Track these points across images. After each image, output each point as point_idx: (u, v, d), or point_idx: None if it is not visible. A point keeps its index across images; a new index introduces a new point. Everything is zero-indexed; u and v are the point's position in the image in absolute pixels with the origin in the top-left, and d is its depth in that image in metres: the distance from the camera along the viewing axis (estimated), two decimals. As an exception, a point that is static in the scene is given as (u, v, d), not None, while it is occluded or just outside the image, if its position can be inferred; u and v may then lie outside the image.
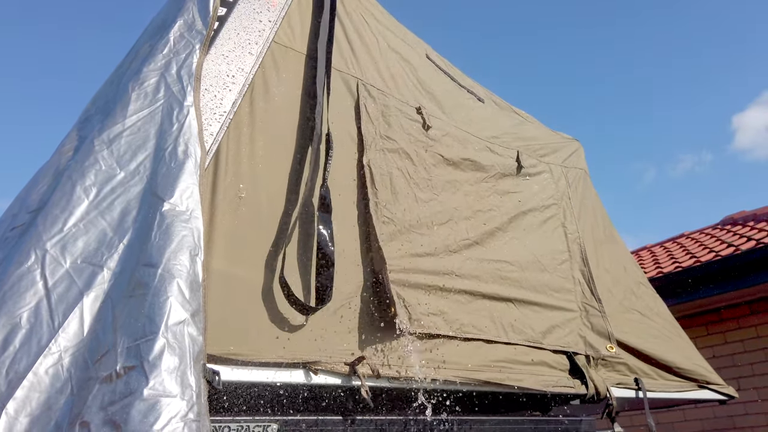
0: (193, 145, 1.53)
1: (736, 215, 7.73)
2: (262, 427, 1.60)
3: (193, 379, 1.18)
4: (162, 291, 1.25)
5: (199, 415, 1.16)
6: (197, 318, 1.26)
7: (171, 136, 1.54)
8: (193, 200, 1.43)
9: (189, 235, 1.36)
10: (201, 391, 1.20)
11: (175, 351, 1.18)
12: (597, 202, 3.38)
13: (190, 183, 1.46)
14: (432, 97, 2.57)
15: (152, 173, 1.49)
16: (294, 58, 2.05)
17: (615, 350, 2.70)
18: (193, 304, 1.27)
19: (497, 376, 2.12)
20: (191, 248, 1.34)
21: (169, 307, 1.23)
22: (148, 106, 1.64)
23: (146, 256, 1.32)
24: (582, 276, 2.85)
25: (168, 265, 1.29)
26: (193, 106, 1.62)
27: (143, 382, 1.12)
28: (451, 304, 2.13)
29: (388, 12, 2.67)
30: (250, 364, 1.55)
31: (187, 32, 1.80)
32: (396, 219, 2.06)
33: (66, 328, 1.25)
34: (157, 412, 1.10)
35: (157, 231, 1.35)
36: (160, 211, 1.39)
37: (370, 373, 1.76)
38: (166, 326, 1.20)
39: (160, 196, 1.43)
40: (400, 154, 2.23)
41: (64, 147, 1.77)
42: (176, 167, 1.48)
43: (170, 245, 1.32)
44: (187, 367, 1.18)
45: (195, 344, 1.23)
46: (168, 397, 1.13)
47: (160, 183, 1.46)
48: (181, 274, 1.29)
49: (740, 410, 5.91)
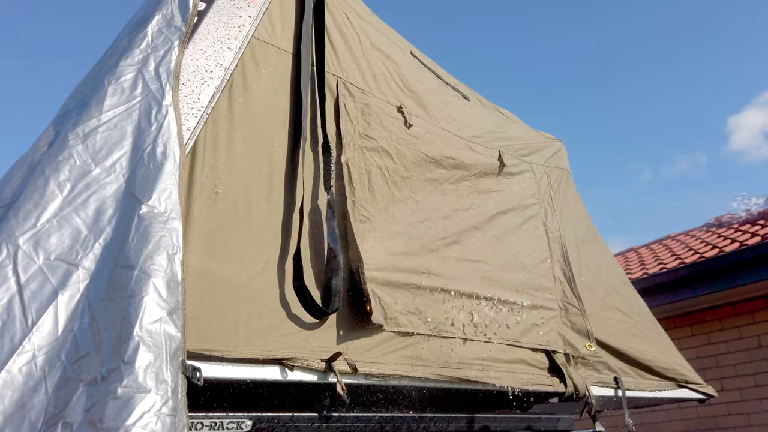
0: (171, 146, 1.52)
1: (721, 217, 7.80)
2: (236, 423, 1.60)
3: (169, 374, 1.19)
4: (137, 292, 1.26)
5: (175, 409, 1.16)
6: (175, 316, 1.27)
7: (149, 137, 1.54)
8: (171, 201, 1.43)
9: (167, 236, 1.36)
10: (178, 387, 1.20)
11: (150, 348, 1.19)
12: (579, 202, 3.40)
13: (169, 184, 1.46)
14: (414, 95, 2.58)
15: (130, 173, 1.48)
16: (274, 55, 2.04)
17: (594, 349, 2.71)
18: (170, 302, 1.28)
19: (474, 374, 2.13)
20: (168, 248, 1.35)
21: (144, 307, 1.23)
22: (125, 102, 1.63)
23: (124, 259, 1.32)
24: (563, 275, 2.86)
25: (144, 266, 1.30)
26: (172, 106, 1.61)
27: (119, 381, 1.14)
28: (428, 302, 2.13)
29: (371, 10, 2.68)
30: (225, 360, 1.54)
31: (165, 27, 1.79)
32: (373, 217, 2.07)
33: (40, 327, 1.24)
34: (131, 408, 1.11)
35: (134, 233, 1.35)
36: (138, 213, 1.39)
37: (347, 370, 1.76)
38: (140, 325, 1.21)
39: (138, 197, 1.43)
40: (380, 153, 2.23)
41: (40, 141, 1.76)
42: (155, 168, 1.48)
43: (147, 247, 1.33)
44: (163, 363, 1.19)
45: (172, 341, 1.23)
46: (142, 392, 1.14)
47: (139, 184, 1.46)
48: (157, 273, 1.30)
49: (724, 410, 5.97)
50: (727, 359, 6.09)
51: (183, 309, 1.31)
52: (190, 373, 1.30)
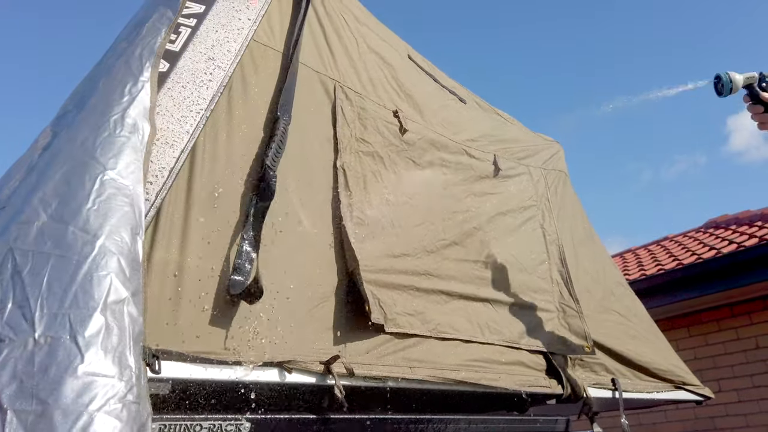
0: (141, 120, 1.44)
1: (719, 219, 7.82)
2: (235, 425, 1.60)
3: (133, 360, 1.11)
4: (102, 265, 1.16)
5: (139, 397, 1.09)
6: (137, 298, 1.19)
7: (120, 106, 1.45)
8: (135, 177, 1.35)
9: (131, 212, 1.28)
10: (141, 374, 1.13)
11: (114, 330, 1.11)
12: (576, 204, 3.41)
13: (134, 159, 1.37)
14: (411, 99, 2.59)
15: (89, 133, 1.38)
16: (273, 57, 2.05)
17: (591, 350, 2.72)
18: (133, 283, 1.20)
19: (472, 375, 2.13)
20: (133, 226, 1.27)
21: (110, 284, 1.15)
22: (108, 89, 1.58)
23: (78, 220, 1.22)
24: (560, 277, 2.87)
25: (108, 238, 1.21)
26: (149, 82, 1.53)
27: (76, 359, 1.04)
28: (428, 304, 2.14)
29: (369, 12, 2.68)
30: (224, 363, 1.55)
31: (158, 22, 1.79)
32: (369, 220, 2.07)
33: None
34: (93, 392, 1.03)
35: (96, 197, 1.26)
36: (101, 178, 1.30)
37: (345, 372, 1.77)
38: (105, 303, 1.12)
39: (101, 162, 1.33)
40: (375, 157, 2.24)
41: (38, 143, 1.76)
42: (122, 138, 1.39)
43: (111, 218, 1.24)
44: (126, 348, 1.11)
45: (135, 324, 1.15)
46: (105, 377, 1.06)
47: (101, 147, 1.36)
48: (122, 251, 1.22)
49: (721, 411, 5.98)
50: (725, 360, 6.10)
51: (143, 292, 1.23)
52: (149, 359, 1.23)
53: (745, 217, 7.19)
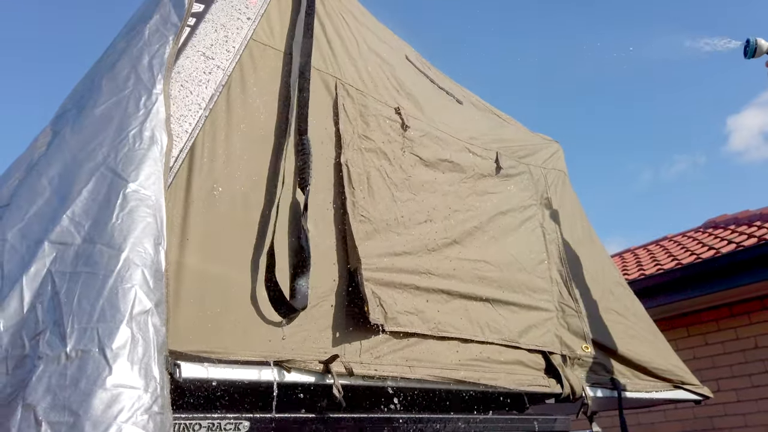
0: (159, 132, 1.47)
1: (718, 219, 7.82)
2: (234, 424, 1.60)
3: (157, 370, 1.15)
4: (127, 278, 1.20)
5: (163, 408, 1.13)
6: (160, 309, 1.23)
7: (137, 120, 1.49)
8: (157, 188, 1.38)
9: (153, 223, 1.32)
10: (165, 384, 1.17)
11: (139, 342, 1.15)
12: (576, 204, 3.41)
13: (156, 170, 1.41)
14: (411, 97, 2.59)
15: (111, 150, 1.41)
16: (272, 56, 2.05)
17: (590, 350, 2.73)
18: (156, 293, 1.23)
19: (471, 375, 2.13)
20: (155, 237, 1.30)
21: (134, 296, 1.19)
22: (116, 95, 1.60)
23: (104, 236, 1.26)
24: (559, 276, 2.87)
25: (133, 251, 1.24)
26: (162, 94, 1.57)
27: (105, 371, 1.08)
28: (428, 303, 2.14)
29: (369, 12, 2.68)
30: (223, 362, 1.55)
31: (162, 26, 1.79)
32: (372, 218, 2.07)
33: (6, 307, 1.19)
34: (121, 404, 1.07)
35: (119, 212, 1.30)
36: (124, 192, 1.34)
37: (344, 371, 1.77)
38: (131, 315, 1.16)
39: (123, 176, 1.37)
40: (378, 154, 2.23)
41: (37, 141, 1.76)
42: (141, 151, 1.43)
43: (135, 230, 1.28)
44: (151, 359, 1.15)
45: (158, 335, 1.19)
46: (132, 388, 1.10)
47: (122, 162, 1.40)
48: (146, 262, 1.25)
49: (720, 411, 5.98)
50: (724, 360, 6.10)
51: (166, 302, 1.27)
52: (171, 369, 1.27)
53: (744, 217, 7.19)
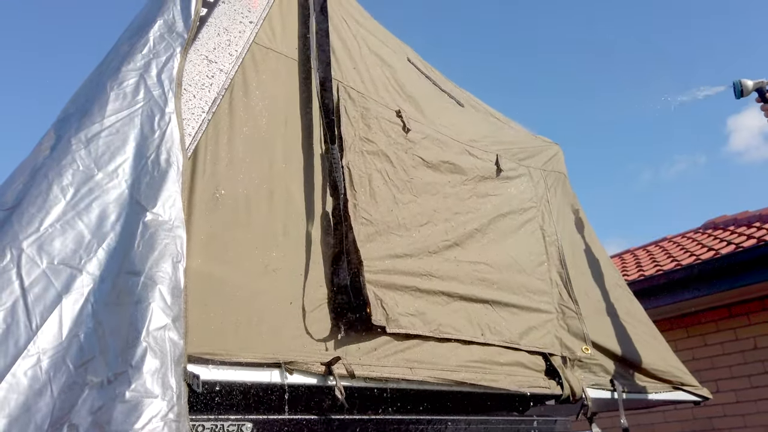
0: (175, 154, 1.56)
1: (718, 219, 7.83)
2: (237, 426, 1.61)
3: (174, 381, 1.24)
4: (144, 298, 1.30)
5: (179, 415, 1.21)
6: (178, 323, 1.32)
7: (153, 144, 1.57)
8: (175, 209, 1.47)
9: (171, 243, 1.40)
10: (181, 393, 1.25)
11: (156, 354, 1.23)
12: (576, 205, 3.42)
13: (173, 191, 1.49)
14: (412, 100, 2.60)
15: (133, 180, 1.51)
16: (274, 59, 2.06)
17: (590, 352, 2.74)
18: (174, 309, 1.32)
19: (472, 376, 2.14)
20: (173, 256, 1.39)
21: (151, 313, 1.28)
22: (127, 108, 1.64)
23: (130, 265, 1.36)
24: (559, 278, 2.89)
25: (150, 272, 1.34)
26: (175, 113, 1.64)
27: (126, 385, 1.18)
28: (429, 304, 2.15)
29: (369, 15, 2.70)
30: (225, 363, 1.56)
31: (167, 33, 1.80)
32: (374, 220, 2.08)
33: (45, 331, 1.26)
34: (139, 412, 1.16)
35: (140, 240, 1.39)
36: (143, 220, 1.43)
37: (345, 373, 1.78)
38: (147, 331, 1.25)
39: (143, 205, 1.46)
40: (380, 157, 2.25)
41: (41, 145, 1.77)
42: (159, 176, 1.51)
43: (152, 254, 1.37)
44: (168, 370, 1.23)
45: (176, 348, 1.28)
46: (149, 397, 1.18)
47: (144, 191, 1.49)
48: (163, 280, 1.34)
49: (719, 412, 5.99)
50: (723, 361, 6.11)
51: (184, 317, 1.36)
52: (191, 380, 1.35)
53: (744, 218, 7.20)
